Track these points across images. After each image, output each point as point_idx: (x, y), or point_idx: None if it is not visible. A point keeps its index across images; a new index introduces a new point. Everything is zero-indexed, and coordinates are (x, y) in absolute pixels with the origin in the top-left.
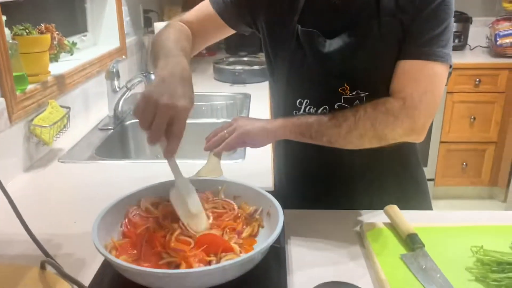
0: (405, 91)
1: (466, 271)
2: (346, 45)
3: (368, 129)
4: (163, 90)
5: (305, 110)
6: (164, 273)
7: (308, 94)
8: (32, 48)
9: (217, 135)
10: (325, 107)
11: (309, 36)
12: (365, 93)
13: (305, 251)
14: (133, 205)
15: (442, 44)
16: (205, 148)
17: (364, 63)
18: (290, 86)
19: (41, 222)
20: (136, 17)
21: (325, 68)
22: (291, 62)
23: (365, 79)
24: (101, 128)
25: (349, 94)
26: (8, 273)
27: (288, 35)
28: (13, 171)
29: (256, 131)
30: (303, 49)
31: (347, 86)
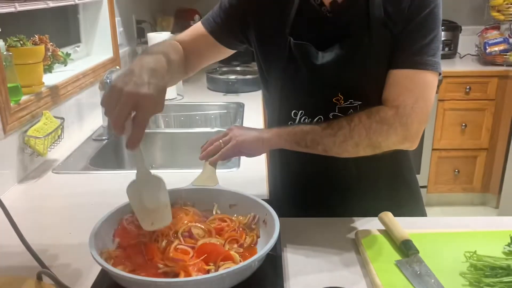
0: (398, 99)
1: (460, 276)
2: (338, 56)
3: (363, 137)
4: (129, 79)
5: (300, 120)
6: (162, 282)
7: (303, 105)
8: (26, 59)
9: (213, 145)
10: (320, 117)
11: (301, 48)
12: (359, 102)
13: (301, 258)
14: (127, 214)
15: (432, 53)
16: (201, 157)
17: (356, 73)
18: (285, 97)
19: (36, 233)
20: (129, 27)
21: (319, 79)
22: (284, 74)
23: (358, 89)
24: (95, 139)
25: (343, 103)
26: (5, 284)
27: (280, 48)
28: (7, 182)
29: (251, 141)
30: (296, 61)
31: (341, 96)
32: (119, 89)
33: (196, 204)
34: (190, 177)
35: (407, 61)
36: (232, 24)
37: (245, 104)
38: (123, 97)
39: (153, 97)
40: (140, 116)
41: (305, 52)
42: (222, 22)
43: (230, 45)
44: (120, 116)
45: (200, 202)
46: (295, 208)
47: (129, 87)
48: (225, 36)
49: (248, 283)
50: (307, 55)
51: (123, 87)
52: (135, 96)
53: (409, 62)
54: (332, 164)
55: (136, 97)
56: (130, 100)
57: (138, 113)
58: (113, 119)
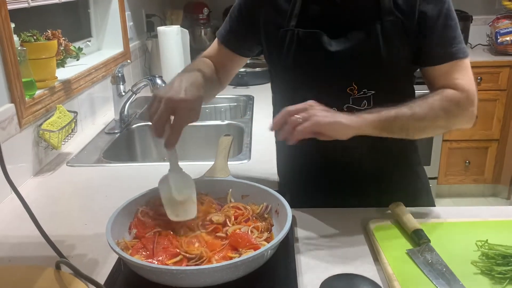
0: (461, 85)
1: (471, 265)
2: (351, 44)
3: (444, 121)
4: (169, 88)
5: None
6: (178, 270)
7: (317, 96)
8: (40, 54)
9: (289, 121)
10: (334, 109)
11: (312, 37)
12: (372, 92)
13: (313, 247)
14: (142, 205)
15: (461, 40)
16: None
17: (369, 61)
18: (297, 90)
19: (52, 225)
20: (139, 22)
21: (333, 67)
22: (295, 68)
23: (371, 78)
24: (107, 132)
25: (357, 94)
26: (25, 274)
27: (287, 42)
28: (23, 175)
29: (337, 124)
30: (307, 52)
31: (355, 85)
32: (160, 97)
33: (209, 194)
34: (202, 169)
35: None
36: (243, 30)
37: (255, 97)
38: (163, 103)
39: (189, 102)
40: (177, 120)
41: (316, 40)
42: (233, 32)
43: (245, 52)
44: (160, 120)
45: (213, 192)
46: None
47: (168, 94)
48: (238, 44)
49: (262, 271)
50: (319, 43)
51: (163, 95)
52: (173, 102)
53: (450, 54)
54: (344, 156)
55: (174, 102)
56: (168, 105)
57: (176, 117)
58: (153, 122)
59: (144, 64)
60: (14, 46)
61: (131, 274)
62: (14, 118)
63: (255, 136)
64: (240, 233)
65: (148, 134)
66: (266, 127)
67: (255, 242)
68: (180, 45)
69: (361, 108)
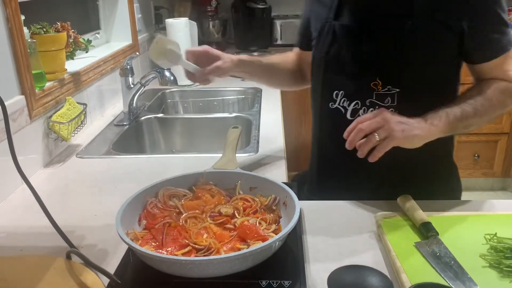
0: None
1: (480, 258)
2: (378, 40)
3: (497, 113)
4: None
5: (340, 102)
6: (187, 260)
7: (343, 86)
8: (50, 46)
9: (367, 139)
10: (357, 102)
11: (344, 30)
12: (397, 90)
13: (321, 239)
14: (151, 197)
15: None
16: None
17: (396, 59)
18: (328, 78)
19: (63, 215)
20: (147, 14)
21: (358, 62)
22: (327, 56)
23: (397, 75)
24: (116, 124)
25: (381, 90)
26: (36, 263)
27: (324, 33)
28: (34, 166)
29: (416, 140)
30: (338, 44)
31: (379, 81)
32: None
33: (217, 185)
34: (209, 161)
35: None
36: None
37: (263, 90)
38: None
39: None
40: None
41: (347, 34)
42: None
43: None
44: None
45: (221, 184)
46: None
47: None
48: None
49: (270, 262)
50: (349, 37)
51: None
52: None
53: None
54: None
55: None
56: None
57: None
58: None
59: None
60: (24, 38)
61: (141, 264)
62: (24, 109)
63: (263, 128)
64: (248, 224)
65: (157, 126)
66: (275, 119)
67: (263, 233)
68: (188, 37)
69: (384, 104)
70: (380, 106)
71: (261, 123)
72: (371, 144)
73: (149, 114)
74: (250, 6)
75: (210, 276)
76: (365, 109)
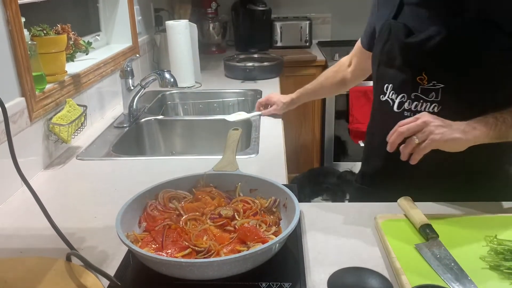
0: None
1: (480, 260)
2: (428, 35)
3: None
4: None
5: (389, 95)
6: (187, 263)
7: (392, 80)
8: (50, 48)
9: (406, 142)
10: (404, 95)
11: (396, 27)
12: (442, 85)
13: (321, 241)
14: (151, 199)
15: None
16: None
17: (443, 55)
18: (380, 72)
19: (63, 217)
20: (147, 16)
21: (406, 56)
22: (382, 51)
23: (441, 71)
24: (116, 126)
25: (426, 84)
26: (36, 265)
27: (383, 29)
28: (34, 168)
29: (456, 143)
30: (392, 40)
31: (425, 76)
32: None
33: (217, 187)
34: (209, 163)
35: None
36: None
37: (263, 91)
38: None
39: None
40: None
41: (398, 30)
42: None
43: None
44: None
45: (221, 186)
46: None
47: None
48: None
49: (270, 264)
50: (400, 33)
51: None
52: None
53: None
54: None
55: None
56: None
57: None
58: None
59: (153, 58)
60: (24, 40)
61: (141, 266)
62: (24, 111)
63: (263, 130)
64: (248, 226)
65: (157, 128)
66: (274, 121)
67: (263, 235)
68: (188, 39)
69: (428, 99)
70: (424, 100)
71: (261, 125)
72: (410, 147)
73: (149, 116)
74: (250, 8)
75: (210, 278)
76: (410, 102)
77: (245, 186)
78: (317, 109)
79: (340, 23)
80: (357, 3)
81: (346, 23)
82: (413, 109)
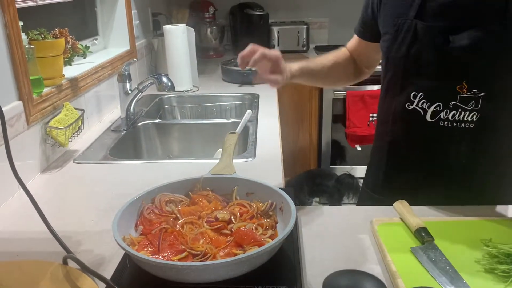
0: None
1: (475, 263)
2: (467, 42)
3: None
4: None
5: (418, 104)
6: (184, 266)
7: (424, 88)
8: (48, 52)
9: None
10: (439, 104)
11: (429, 31)
12: (482, 93)
13: (317, 244)
14: (148, 202)
15: None
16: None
17: (486, 63)
18: (406, 79)
19: (60, 221)
20: (145, 20)
21: (444, 64)
22: (407, 58)
23: (485, 78)
24: (113, 130)
25: (466, 93)
26: (32, 268)
27: (403, 32)
28: (31, 172)
29: None
30: (422, 45)
31: (465, 84)
32: None
33: (214, 191)
34: (206, 166)
35: None
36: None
37: (260, 95)
38: None
39: None
40: None
41: (432, 35)
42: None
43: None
44: None
45: (218, 189)
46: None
47: None
48: (369, 33)
49: (266, 267)
50: (434, 38)
51: None
52: None
53: None
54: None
55: None
56: None
57: None
58: None
59: (150, 62)
60: (22, 44)
61: (137, 269)
62: (22, 115)
63: (260, 134)
64: (244, 230)
65: (154, 132)
66: (271, 125)
67: (259, 239)
68: (186, 44)
69: (467, 108)
70: (463, 109)
71: (258, 128)
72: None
73: (147, 120)
74: (247, 13)
75: (207, 281)
76: (448, 111)
77: (241, 189)
78: (314, 113)
79: (337, 28)
80: (354, 8)
81: (343, 27)
82: (451, 118)
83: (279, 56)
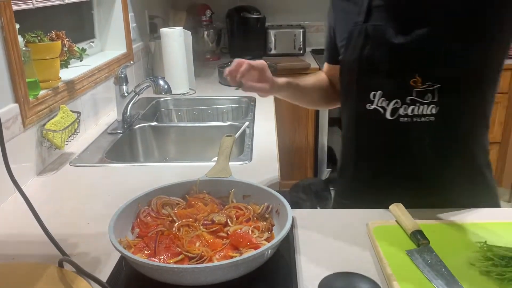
0: None
1: (470, 266)
2: (415, 37)
3: None
4: None
5: (378, 103)
6: (179, 268)
7: (381, 86)
8: (44, 54)
9: None
10: (397, 101)
11: (378, 30)
12: (437, 85)
13: (313, 247)
14: (144, 205)
15: None
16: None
17: (433, 55)
18: (362, 80)
19: (55, 223)
20: (142, 23)
21: (395, 59)
22: (360, 60)
23: (436, 71)
24: (110, 132)
25: (421, 87)
26: (28, 271)
27: (355, 36)
28: (27, 174)
29: None
30: (372, 44)
31: (419, 78)
32: None
33: (211, 193)
34: (203, 169)
35: None
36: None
37: (257, 98)
38: None
39: None
40: None
41: (381, 32)
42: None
43: None
44: None
45: (214, 192)
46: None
47: None
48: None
49: (262, 270)
50: (383, 36)
51: None
52: None
53: None
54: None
55: None
56: None
57: None
58: None
59: (147, 65)
60: (18, 47)
61: (133, 272)
62: (18, 117)
63: (257, 137)
64: (241, 232)
65: (150, 135)
66: (268, 128)
67: (255, 241)
68: (183, 47)
69: (424, 101)
70: (421, 103)
71: (255, 131)
72: None
73: (143, 123)
74: (244, 16)
75: (203, 284)
76: (406, 107)
77: (238, 192)
78: (310, 116)
79: None
80: None
81: None
82: (410, 113)
83: (265, 65)
